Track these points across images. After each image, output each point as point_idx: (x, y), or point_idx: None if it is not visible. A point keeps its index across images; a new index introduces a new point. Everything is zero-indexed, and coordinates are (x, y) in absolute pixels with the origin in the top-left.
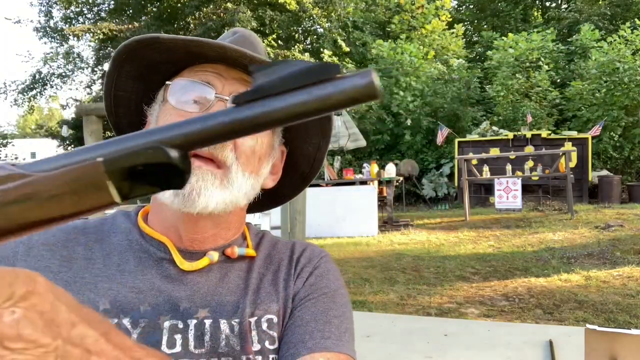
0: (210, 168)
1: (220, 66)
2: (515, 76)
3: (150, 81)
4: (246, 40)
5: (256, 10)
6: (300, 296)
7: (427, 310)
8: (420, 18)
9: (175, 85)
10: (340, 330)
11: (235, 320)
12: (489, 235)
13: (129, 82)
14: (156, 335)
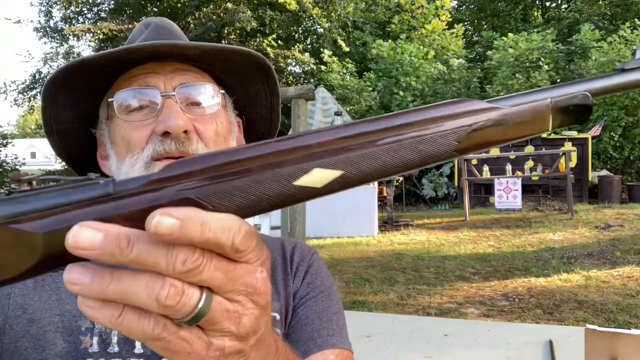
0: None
1: (150, 65)
2: (515, 76)
3: (86, 104)
4: (163, 29)
5: (256, 10)
6: (300, 294)
7: (427, 310)
8: (420, 18)
9: (117, 101)
10: (339, 327)
11: None
12: (489, 235)
13: (66, 113)
14: None
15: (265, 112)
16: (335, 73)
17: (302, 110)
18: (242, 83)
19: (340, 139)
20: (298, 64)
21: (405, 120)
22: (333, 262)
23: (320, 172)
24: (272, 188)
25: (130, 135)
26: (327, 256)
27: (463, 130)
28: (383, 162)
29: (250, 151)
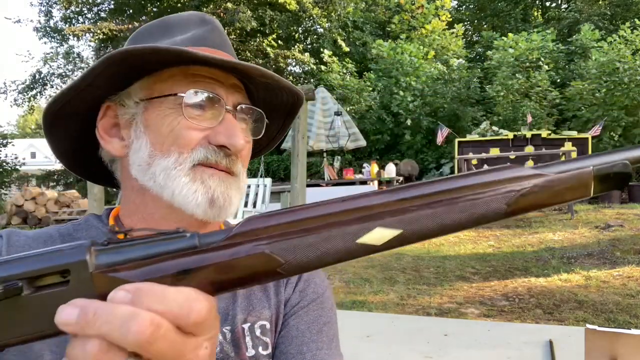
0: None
1: (215, 71)
2: (515, 76)
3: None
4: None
5: (256, 10)
6: (291, 303)
7: (427, 310)
8: (420, 18)
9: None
10: (329, 338)
11: (226, 328)
12: (489, 235)
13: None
14: None
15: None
16: (335, 73)
17: (302, 110)
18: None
19: (401, 200)
20: (298, 64)
21: (461, 184)
22: None
23: (381, 231)
24: (338, 245)
25: (184, 134)
26: None
27: (512, 195)
28: (439, 223)
29: (321, 209)
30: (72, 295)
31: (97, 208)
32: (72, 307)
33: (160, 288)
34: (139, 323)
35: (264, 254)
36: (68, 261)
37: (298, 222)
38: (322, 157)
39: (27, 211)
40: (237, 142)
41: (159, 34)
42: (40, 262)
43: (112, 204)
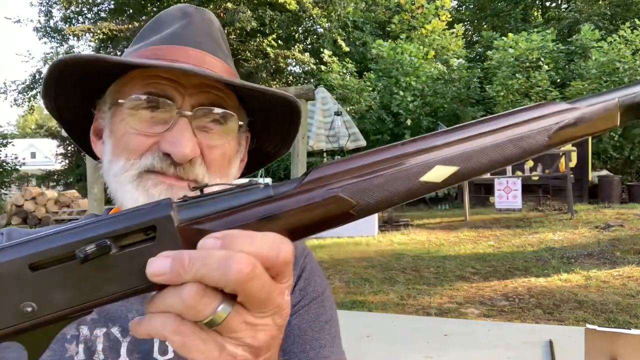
0: (182, 185)
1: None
2: (515, 76)
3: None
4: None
5: (256, 10)
6: (293, 302)
7: (427, 310)
8: (420, 18)
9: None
10: (331, 336)
11: None
12: (489, 235)
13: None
14: (147, 342)
15: (277, 139)
16: (335, 73)
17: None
18: (265, 109)
19: (455, 140)
20: (298, 64)
21: (505, 122)
22: (333, 262)
23: (440, 169)
24: (403, 184)
25: (131, 140)
26: (328, 256)
27: (552, 128)
28: (490, 157)
29: (385, 153)
30: (159, 249)
31: (97, 208)
32: (163, 258)
33: (248, 232)
34: (237, 262)
35: (337, 197)
36: (154, 217)
37: (365, 167)
38: (322, 157)
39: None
40: (180, 151)
41: (150, 32)
42: (126, 221)
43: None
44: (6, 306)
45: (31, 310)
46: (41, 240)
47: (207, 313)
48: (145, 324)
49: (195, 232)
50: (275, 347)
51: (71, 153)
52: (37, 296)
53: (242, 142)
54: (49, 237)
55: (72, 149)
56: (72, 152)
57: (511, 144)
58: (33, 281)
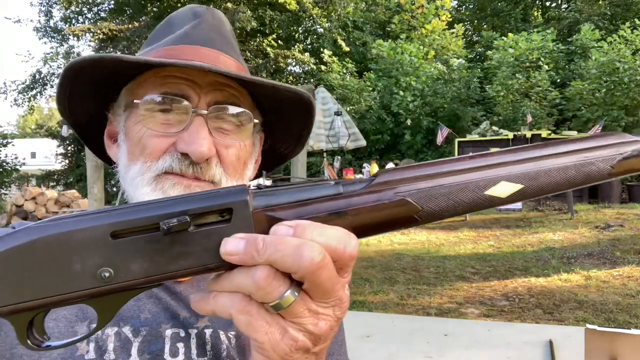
0: (199, 184)
1: (192, 70)
2: (515, 76)
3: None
4: (213, 30)
5: (256, 10)
6: None
7: (427, 310)
8: (420, 18)
9: (144, 103)
10: (338, 343)
11: (231, 333)
12: (489, 235)
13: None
14: (158, 343)
15: (291, 139)
16: (335, 73)
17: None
18: (278, 109)
19: (522, 159)
20: (298, 64)
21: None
22: None
23: (505, 185)
24: (468, 195)
25: (149, 142)
26: None
27: (615, 158)
28: (554, 179)
29: (454, 164)
30: (233, 231)
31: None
32: (238, 239)
33: (318, 224)
34: (310, 250)
35: (404, 201)
36: (232, 200)
37: (433, 175)
38: (322, 157)
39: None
40: (197, 150)
41: (161, 33)
42: (205, 201)
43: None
44: (85, 270)
45: (108, 276)
46: (123, 211)
47: (276, 296)
48: (211, 301)
49: (267, 218)
50: (329, 339)
51: (71, 153)
52: (115, 263)
53: (256, 142)
54: (131, 209)
55: (72, 149)
56: (72, 152)
57: (575, 169)
58: (113, 248)
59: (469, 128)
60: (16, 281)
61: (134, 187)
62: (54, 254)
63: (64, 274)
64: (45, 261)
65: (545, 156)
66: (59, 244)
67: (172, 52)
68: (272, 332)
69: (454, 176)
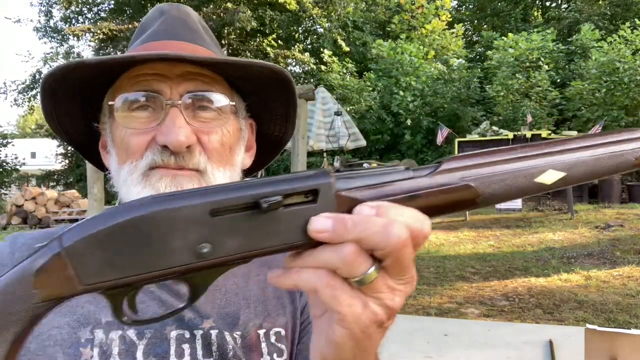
0: (186, 174)
1: (158, 65)
2: (515, 76)
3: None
4: (178, 21)
5: (256, 10)
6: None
7: (427, 310)
8: (420, 18)
9: (118, 104)
10: None
11: (236, 333)
12: (489, 235)
13: (67, 103)
14: (163, 345)
15: (281, 120)
16: (335, 73)
17: (302, 110)
18: (258, 90)
19: (566, 149)
20: (298, 64)
21: (606, 140)
22: None
23: (552, 173)
24: (521, 182)
25: (130, 141)
26: None
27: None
28: (591, 168)
29: (510, 153)
30: (318, 210)
31: (97, 208)
32: (325, 218)
33: (397, 205)
34: (398, 228)
35: (468, 186)
36: (317, 182)
37: (493, 163)
38: (322, 157)
39: (27, 211)
40: (174, 139)
41: (136, 38)
42: (295, 183)
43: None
44: (186, 246)
45: (206, 252)
46: (221, 190)
47: (361, 271)
48: (294, 275)
49: (349, 200)
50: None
51: (71, 153)
52: (213, 239)
53: (243, 128)
54: (227, 188)
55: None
56: (72, 152)
57: (608, 160)
58: (212, 225)
59: (469, 128)
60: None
61: (126, 188)
62: (156, 231)
63: (165, 250)
64: (147, 237)
65: (583, 147)
66: (162, 221)
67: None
68: (355, 305)
69: (509, 164)
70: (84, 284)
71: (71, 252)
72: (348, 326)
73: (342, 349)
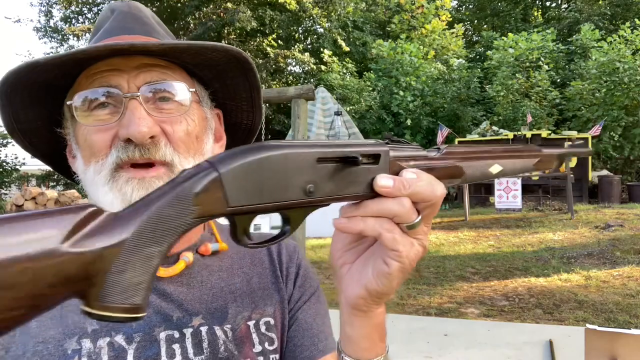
0: (153, 174)
1: (114, 60)
2: (515, 76)
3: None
4: (128, 16)
5: (256, 10)
6: (294, 298)
7: (427, 310)
8: (420, 18)
9: (77, 102)
10: (330, 328)
11: (227, 327)
12: (489, 235)
13: (26, 111)
14: (154, 348)
15: (247, 106)
16: (335, 73)
17: (302, 110)
18: (218, 76)
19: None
20: (298, 64)
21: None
22: None
23: (496, 166)
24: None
25: (93, 140)
26: (328, 256)
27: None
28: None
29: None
30: (379, 170)
31: None
32: (387, 177)
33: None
34: (439, 185)
35: (459, 166)
36: (380, 149)
37: (472, 152)
38: None
39: None
40: (136, 130)
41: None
42: (367, 147)
43: None
44: (299, 184)
45: (311, 191)
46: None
47: (414, 218)
48: (359, 222)
49: (397, 165)
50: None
51: None
52: (316, 182)
53: (209, 117)
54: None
55: None
56: None
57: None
58: (317, 170)
59: (469, 128)
60: (255, 186)
61: (94, 187)
62: (283, 168)
63: (287, 185)
64: (275, 173)
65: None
66: (285, 161)
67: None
68: (407, 244)
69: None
70: (229, 206)
71: (225, 177)
72: (402, 260)
73: (392, 278)
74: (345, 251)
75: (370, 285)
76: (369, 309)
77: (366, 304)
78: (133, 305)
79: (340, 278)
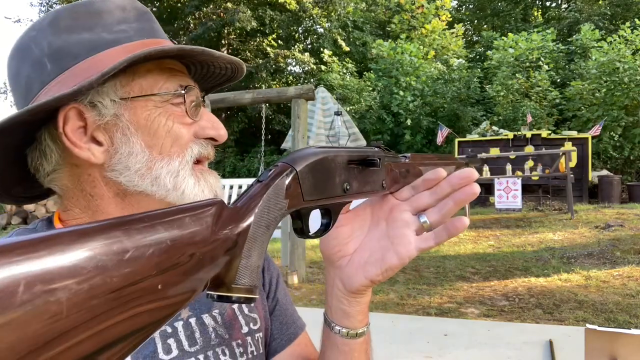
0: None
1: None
2: (515, 76)
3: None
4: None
5: (256, 10)
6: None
7: (427, 310)
8: (420, 18)
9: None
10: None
11: (215, 312)
12: (489, 235)
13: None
14: (150, 346)
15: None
16: (335, 73)
17: (302, 110)
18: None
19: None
20: (298, 64)
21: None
22: None
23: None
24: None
25: (180, 132)
26: None
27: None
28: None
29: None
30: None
31: None
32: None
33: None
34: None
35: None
36: (380, 154)
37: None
38: None
39: (27, 211)
40: (223, 133)
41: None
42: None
43: None
44: (340, 181)
45: (347, 188)
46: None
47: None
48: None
49: (388, 167)
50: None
51: None
52: (349, 180)
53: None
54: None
55: None
56: None
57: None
58: (348, 170)
59: (469, 128)
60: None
61: (177, 181)
62: (333, 168)
63: (334, 182)
64: (327, 172)
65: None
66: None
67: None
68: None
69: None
70: (305, 200)
71: (300, 175)
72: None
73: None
74: (344, 245)
75: (376, 278)
76: (367, 292)
77: (366, 290)
78: (254, 287)
79: (339, 269)
